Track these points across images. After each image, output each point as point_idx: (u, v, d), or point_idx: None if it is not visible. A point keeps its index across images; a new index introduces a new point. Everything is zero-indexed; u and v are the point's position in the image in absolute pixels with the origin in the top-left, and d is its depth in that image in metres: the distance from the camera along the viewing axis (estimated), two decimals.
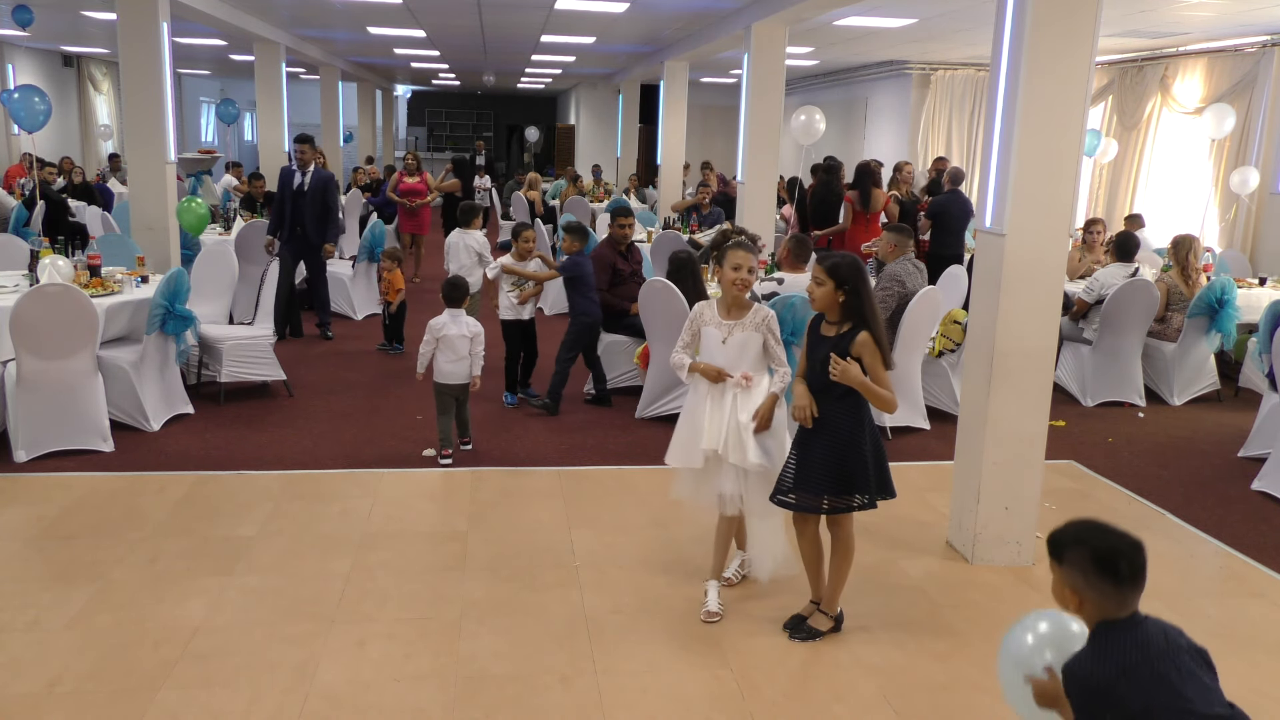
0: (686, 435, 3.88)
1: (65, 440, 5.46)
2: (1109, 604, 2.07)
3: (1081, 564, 2.07)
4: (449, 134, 29.86)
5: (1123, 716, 1.99)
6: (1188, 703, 1.97)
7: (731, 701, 3.32)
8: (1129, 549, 2.07)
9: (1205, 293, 7.20)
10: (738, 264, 3.75)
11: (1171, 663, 2.02)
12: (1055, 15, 4.06)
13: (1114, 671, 2.00)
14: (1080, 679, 2.04)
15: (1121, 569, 2.05)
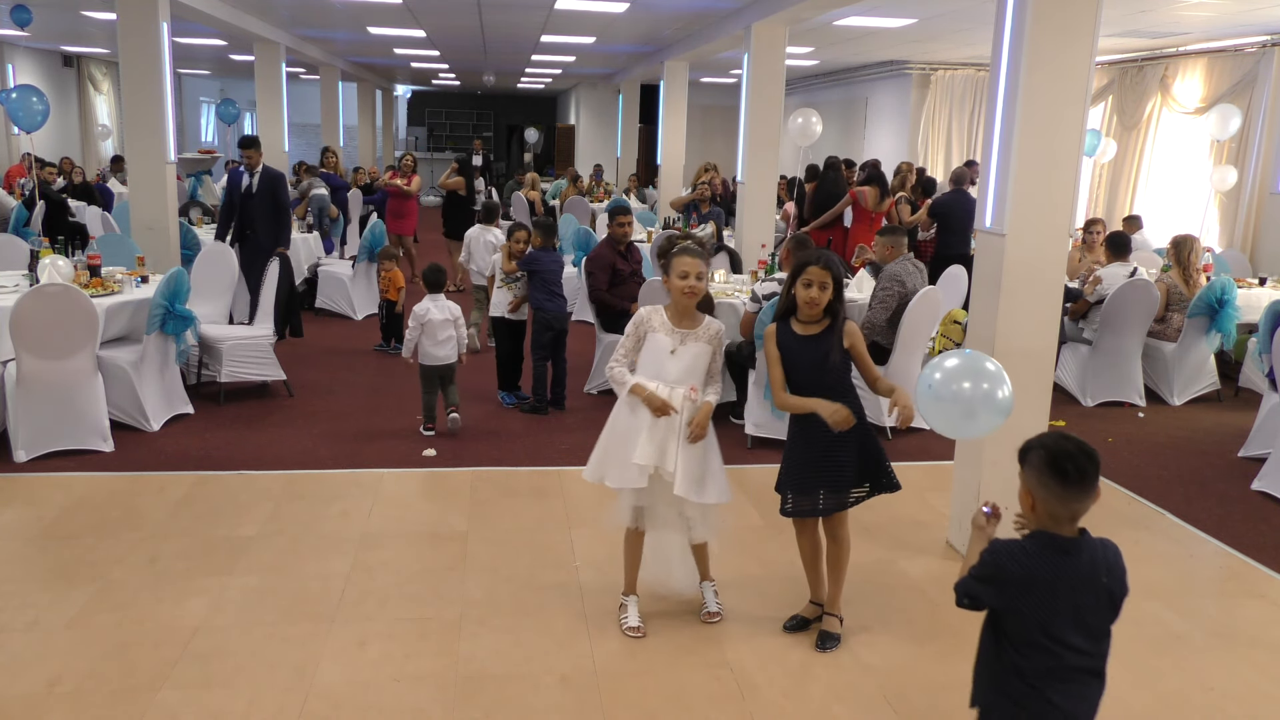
0: (610, 451, 3.62)
1: (65, 440, 5.46)
2: (1056, 507, 2.20)
3: (1037, 464, 2.22)
4: (449, 134, 29.86)
5: (1003, 606, 2.23)
6: (1060, 641, 2.18)
7: (731, 701, 3.32)
8: (1079, 454, 2.19)
9: (1205, 293, 7.20)
10: (685, 271, 3.52)
11: (1072, 600, 2.18)
12: (1055, 15, 4.06)
13: (1022, 576, 2.19)
14: (997, 556, 2.24)
15: (1069, 470, 2.17)
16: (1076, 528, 2.23)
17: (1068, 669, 2.21)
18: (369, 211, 13.39)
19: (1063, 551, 2.21)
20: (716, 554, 3.97)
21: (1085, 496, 2.20)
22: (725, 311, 6.73)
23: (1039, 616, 2.19)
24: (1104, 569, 2.24)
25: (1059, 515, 2.21)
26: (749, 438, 6.06)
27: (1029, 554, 2.22)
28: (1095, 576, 2.22)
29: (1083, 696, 2.24)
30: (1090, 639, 2.22)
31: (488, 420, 6.48)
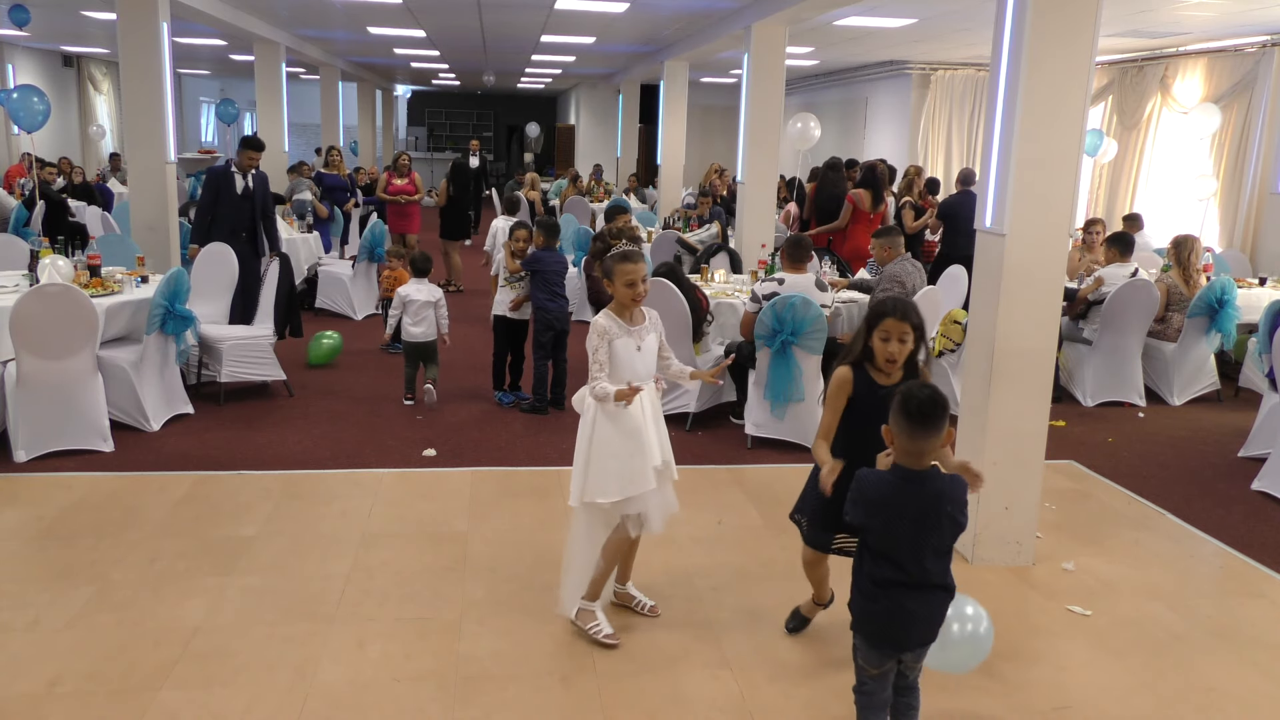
0: (623, 462, 3.51)
1: (65, 440, 5.46)
2: (906, 442, 2.59)
3: (894, 406, 2.61)
4: (449, 134, 29.85)
5: (863, 523, 2.68)
6: (903, 556, 2.63)
7: (731, 701, 3.32)
8: (925, 399, 2.56)
9: (1205, 293, 7.20)
10: (630, 279, 3.48)
11: (909, 520, 2.60)
12: (1055, 15, 4.06)
13: (877, 498, 2.64)
14: (861, 481, 2.68)
15: (910, 407, 2.56)
16: (927, 463, 2.62)
17: (909, 579, 2.65)
18: (369, 211, 13.39)
19: (910, 481, 2.61)
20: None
21: (928, 435, 2.57)
22: (725, 311, 6.74)
23: (889, 533, 2.63)
24: (948, 499, 2.62)
25: (909, 450, 2.60)
26: (749, 438, 6.06)
27: (885, 482, 2.64)
28: (939, 505, 2.61)
29: (924, 601, 2.69)
30: (932, 556, 2.65)
31: (488, 420, 6.48)
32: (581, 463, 3.57)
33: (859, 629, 2.79)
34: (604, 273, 3.63)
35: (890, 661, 2.78)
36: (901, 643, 2.74)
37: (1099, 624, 3.95)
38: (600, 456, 3.53)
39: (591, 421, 3.57)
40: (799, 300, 5.66)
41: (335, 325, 9.35)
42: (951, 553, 2.71)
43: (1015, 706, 3.35)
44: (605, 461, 3.52)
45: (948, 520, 2.61)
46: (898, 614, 2.69)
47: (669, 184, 14.02)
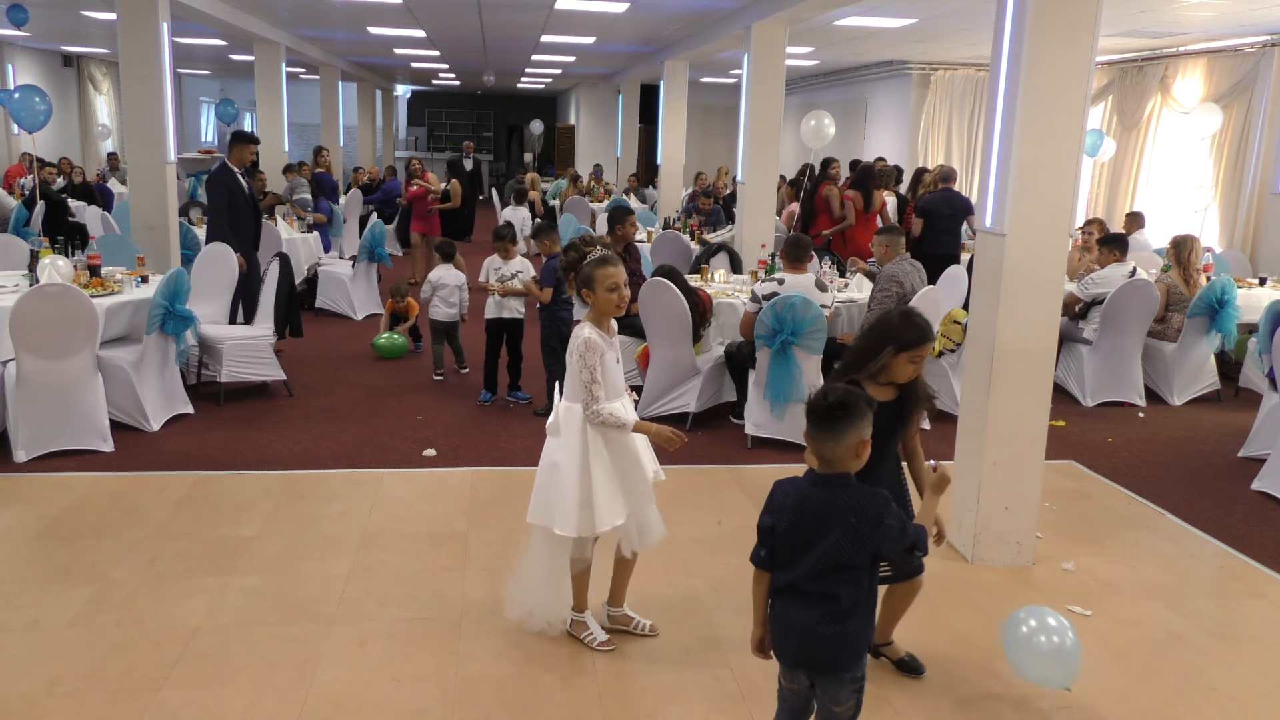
0: (624, 480, 3.41)
1: (65, 440, 5.46)
2: (810, 443, 2.48)
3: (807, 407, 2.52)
4: (449, 134, 29.85)
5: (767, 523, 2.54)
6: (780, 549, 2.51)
7: (731, 701, 3.32)
8: (823, 405, 2.44)
9: (1205, 293, 7.20)
10: (615, 284, 3.35)
11: (798, 520, 2.46)
12: (1055, 15, 4.06)
13: (780, 498, 2.52)
14: (773, 486, 2.57)
15: (810, 412, 2.47)
16: (838, 469, 2.46)
17: (798, 588, 2.49)
18: (369, 211, 13.41)
19: (815, 485, 2.48)
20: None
21: (824, 440, 2.44)
22: (725, 311, 6.74)
23: (782, 535, 2.50)
24: (853, 511, 2.42)
25: (813, 452, 2.48)
26: (749, 438, 6.06)
27: (793, 484, 2.53)
28: (842, 515, 2.42)
29: (805, 614, 2.48)
30: (826, 568, 2.44)
31: (488, 420, 6.48)
32: (586, 492, 3.34)
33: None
34: (582, 282, 3.39)
35: (795, 678, 2.57)
36: (783, 655, 2.56)
37: (1099, 624, 3.94)
38: (602, 478, 3.36)
39: (583, 445, 3.36)
40: (799, 300, 5.66)
41: (335, 325, 9.36)
42: (861, 572, 2.47)
43: (1015, 706, 3.35)
44: (608, 484, 3.36)
45: (850, 534, 2.41)
46: (778, 622, 2.55)
47: (669, 184, 14.02)
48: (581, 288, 3.42)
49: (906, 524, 2.47)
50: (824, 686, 2.53)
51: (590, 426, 3.37)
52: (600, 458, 3.38)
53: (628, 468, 3.43)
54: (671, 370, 6.36)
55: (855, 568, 2.46)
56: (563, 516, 3.38)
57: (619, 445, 3.42)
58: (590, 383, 3.32)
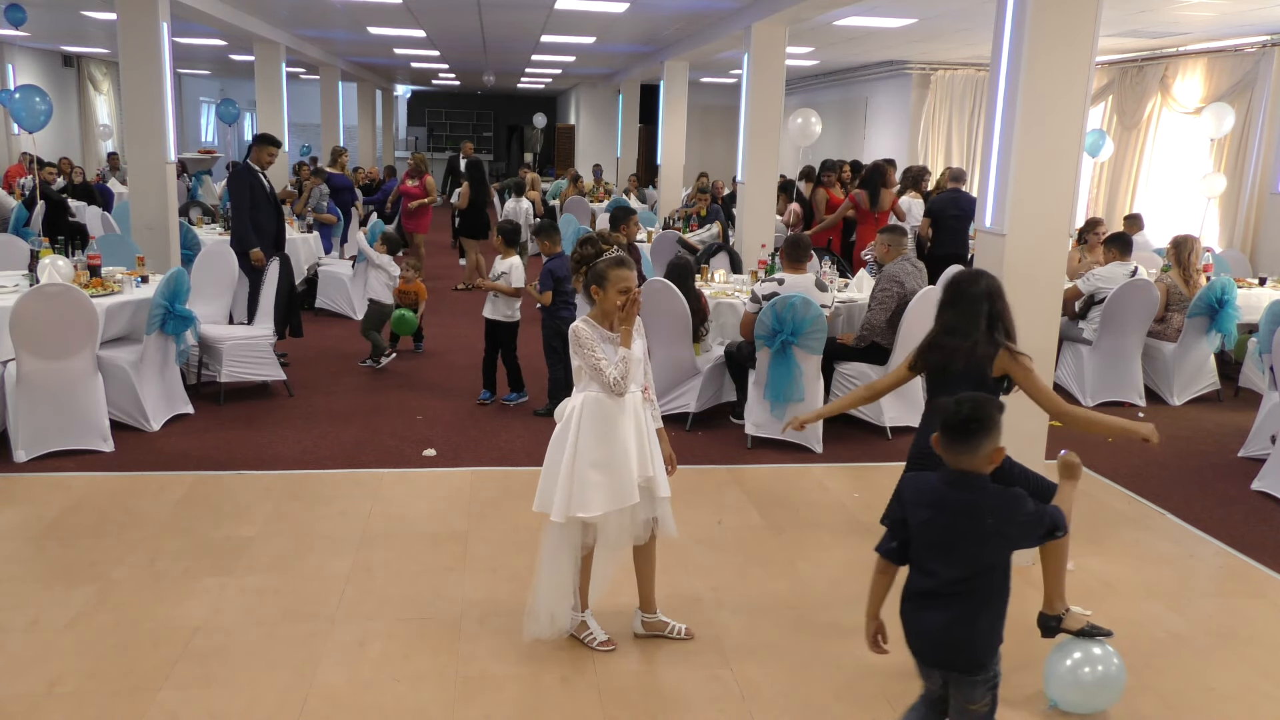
0: (607, 474, 3.38)
1: (65, 440, 5.46)
2: (944, 454, 2.51)
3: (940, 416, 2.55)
4: (449, 134, 29.86)
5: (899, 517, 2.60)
6: (919, 553, 2.55)
7: (731, 701, 3.32)
8: (959, 414, 2.48)
9: (1205, 293, 7.20)
10: (627, 285, 3.36)
11: (939, 524, 2.50)
12: (1055, 15, 4.06)
13: (911, 496, 2.57)
14: (902, 482, 2.67)
15: (948, 424, 2.50)
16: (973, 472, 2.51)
17: (927, 589, 2.52)
18: (369, 212, 13.40)
19: (951, 485, 2.51)
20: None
21: (959, 453, 2.49)
22: (725, 311, 6.74)
23: (916, 533, 2.54)
24: (991, 512, 2.46)
25: (948, 456, 2.51)
26: (749, 438, 6.06)
27: (925, 481, 2.57)
28: (981, 517, 2.46)
29: (938, 614, 2.51)
30: (957, 568, 2.48)
31: (488, 420, 6.48)
32: (565, 475, 3.38)
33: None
34: (594, 278, 3.39)
35: (930, 676, 2.62)
36: (919, 654, 2.59)
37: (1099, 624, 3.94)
38: (584, 468, 3.38)
39: (574, 432, 3.39)
40: (799, 300, 5.67)
41: (335, 325, 9.36)
42: (997, 571, 2.51)
43: (1015, 706, 3.35)
44: (587, 473, 3.37)
45: (991, 534, 2.46)
46: (912, 624, 2.57)
47: (669, 184, 14.02)
48: (591, 284, 3.41)
49: (1042, 510, 2.51)
50: (958, 686, 2.57)
51: (582, 417, 3.39)
52: (584, 446, 3.39)
53: (613, 463, 3.39)
54: (671, 370, 6.36)
55: (993, 567, 2.50)
56: (541, 498, 3.46)
57: (606, 439, 3.40)
58: (594, 363, 3.34)
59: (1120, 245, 7.54)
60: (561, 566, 3.53)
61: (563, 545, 3.50)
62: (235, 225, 7.59)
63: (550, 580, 3.54)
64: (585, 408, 3.41)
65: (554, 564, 3.52)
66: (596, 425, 3.40)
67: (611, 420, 3.40)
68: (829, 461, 5.85)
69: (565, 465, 3.40)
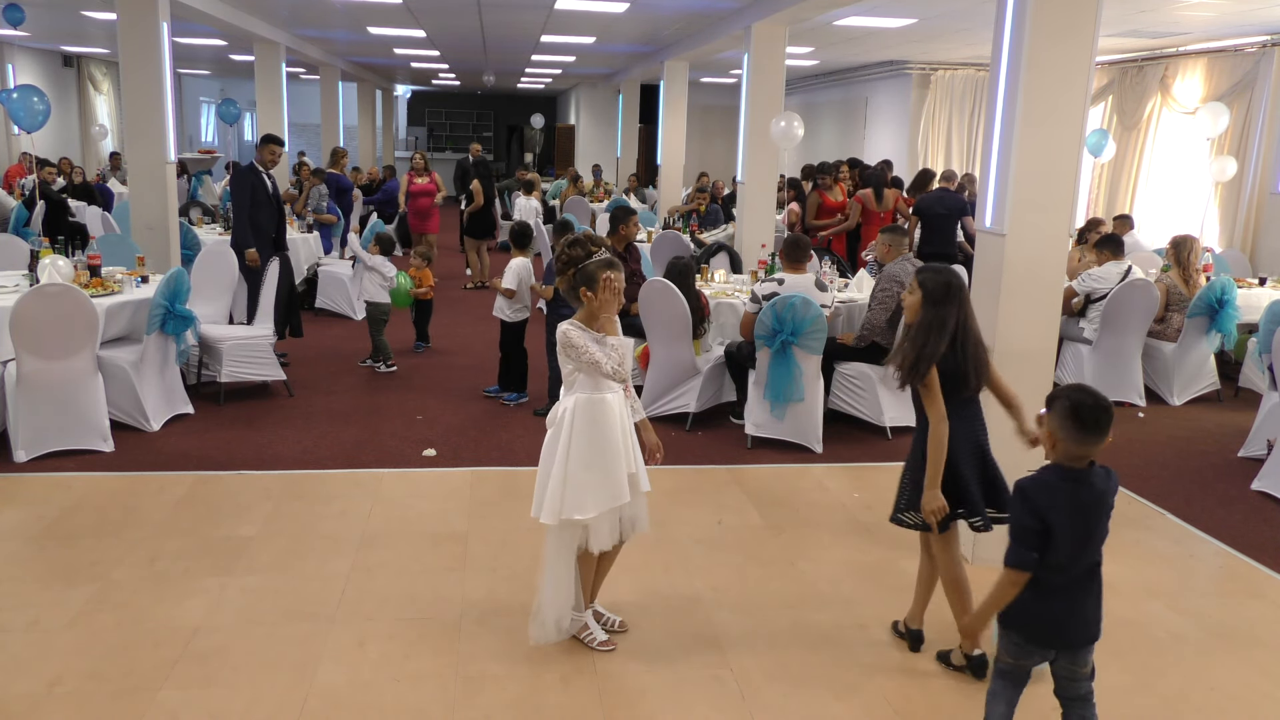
0: (600, 476, 3.40)
1: (65, 440, 5.46)
2: (1072, 448, 2.62)
3: (1061, 412, 2.62)
4: (449, 134, 29.84)
5: (1035, 526, 2.62)
6: (1064, 550, 2.62)
7: (731, 701, 3.32)
8: (1094, 404, 2.60)
9: (1205, 293, 7.20)
10: (617, 287, 3.39)
11: (1080, 516, 2.63)
12: (1055, 15, 4.06)
13: (1046, 501, 2.63)
14: (1024, 492, 2.67)
15: (1085, 417, 2.58)
16: (1085, 462, 2.65)
17: (1074, 578, 2.66)
18: (369, 211, 13.40)
19: (1076, 480, 2.63)
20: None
21: (1097, 440, 2.61)
22: (725, 311, 6.74)
23: (1063, 535, 2.61)
24: (1112, 491, 2.68)
25: (1073, 455, 2.63)
26: (749, 438, 6.06)
27: (1046, 485, 2.65)
28: (1105, 498, 2.66)
29: (1088, 597, 2.69)
30: (1096, 549, 2.68)
31: (488, 420, 6.48)
32: (558, 478, 3.39)
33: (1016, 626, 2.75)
34: (584, 279, 3.37)
35: (1041, 656, 2.77)
36: (1063, 641, 2.72)
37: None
38: (576, 471, 3.38)
39: (567, 435, 3.39)
40: (799, 300, 5.66)
41: (335, 325, 9.36)
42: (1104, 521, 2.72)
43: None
44: (581, 475, 3.38)
45: (1109, 511, 2.68)
46: (1068, 613, 2.68)
47: (669, 184, 14.02)
48: (581, 285, 3.39)
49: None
50: (1078, 658, 2.74)
51: (574, 420, 3.38)
52: (578, 449, 3.39)
53: (606, 466, 3.40)
54: (671, 370, 6.36)
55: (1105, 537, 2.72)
56: (538, 504, 3.45)
57: (598, 442, 3.40)
58: (590, 359, 3.33)
59: (1111, 246, 7.53)
60: (566, 570, 3.53)
61: (563, 549, 3.50)
62: (234, 225, 7.61)
63: (555, 585, 3.54)
64: (577, 410, 3.40)
65: (558, 568, 3.52)
66: (588, 428, 3.40)
67: (602, 421, 3.40)
68: (829, 461, 5.85)
69: (558, 468, 3.39)
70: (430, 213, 11.63)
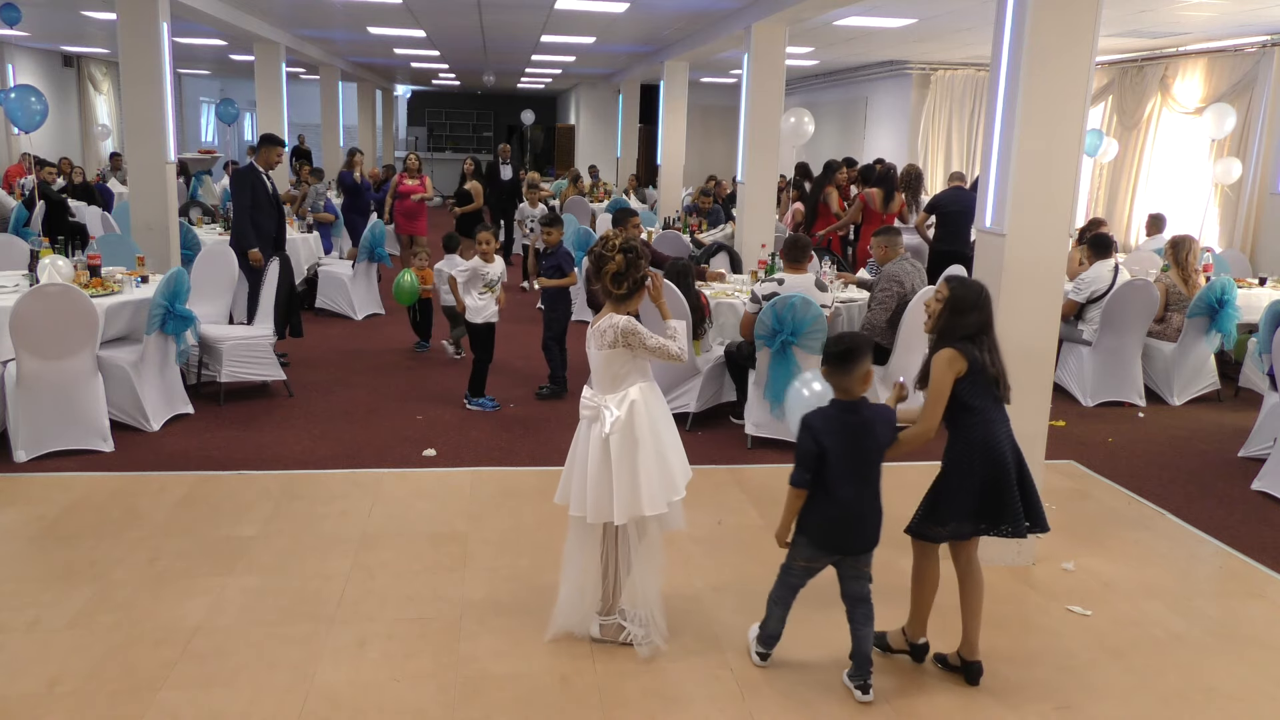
0: (671, 462, 3.48)
1: (65, 440, 5.46)
2: (834, 382, 3.28)
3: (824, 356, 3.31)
4: (449, 134, 29.84)
5: (814, 450, 3.24)
6: (838, 467, 3.25)
7: (731, 702, 3.32)
8: (836, 349, 3.26)
9: (1205, 293, 7.20)
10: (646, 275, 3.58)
11: (848, 437, 3.24)
12: (1055, 15, 4.06)
13: (823, 425, 3.26)
14: (807, 422, 3.28)
15: (830, 358, 3.27)
16: (856, 396, 3.28)
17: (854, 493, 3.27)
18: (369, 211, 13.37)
19: (848, 410, 3.28)
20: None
21: (844, 373, 3.24)
22: (725, 311, 6.74)
23: (836, 455, 3.22)
24: (879, 421, 3.29)
25: (840, 389, 3.28)
26: (749, 438, 6.06)
27: (824, 414, 3.29)
28: (871, 426, 3.27)
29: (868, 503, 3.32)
30: (870, 465, 3.29)
31: (488, 420, 6.48)
32: (632, 475, 3.37)
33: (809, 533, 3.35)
34: (636, 285, 3.47)
35: (824, 559, 3.37)
36: (847, 544, 3.34)
37: (1099, 624, 3.95)
38: (649, 464, 3.39)
39: (644, 429, 3.39)
40: (799, 300, 5.66)
41: (335, 325, 9.36)
42: (879, 462, 3.31)
43: (1015, 707, 3.35)
44: (653, 468, 3.40)
45: (884, 442, 3.29)
46: (854, 518, 3.29)
47: (669, 184, 14.02)
48: (636, 290, 3.47)
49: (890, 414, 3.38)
50: (859, 561, 3.38)
51: (646, 411, 3.41)
52: (651, 443, 3.42)
53: (674, 449, 3.50)
54: (672, 370, 6.36)
55: (879, 460, 3.30)
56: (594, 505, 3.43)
57: (662, 427, 3.46)
58: (658, 345, 3.42)
59: (1096, 247, 7.53)
60: (591, 565, 3.57)
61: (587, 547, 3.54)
62: (235, 225, 7.60)
63: (578, 584, 3.59)
64: (642, 402, 3.43)
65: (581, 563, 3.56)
66: (659, 415, 3.48)
67: (662, 405, 3.52)
68: None
69: (645, 461, 3.39)
70: (419, 214, 11.53)
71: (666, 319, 3.56)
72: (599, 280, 3.48)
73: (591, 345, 3.48)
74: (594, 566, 3.58)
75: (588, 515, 3.44)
